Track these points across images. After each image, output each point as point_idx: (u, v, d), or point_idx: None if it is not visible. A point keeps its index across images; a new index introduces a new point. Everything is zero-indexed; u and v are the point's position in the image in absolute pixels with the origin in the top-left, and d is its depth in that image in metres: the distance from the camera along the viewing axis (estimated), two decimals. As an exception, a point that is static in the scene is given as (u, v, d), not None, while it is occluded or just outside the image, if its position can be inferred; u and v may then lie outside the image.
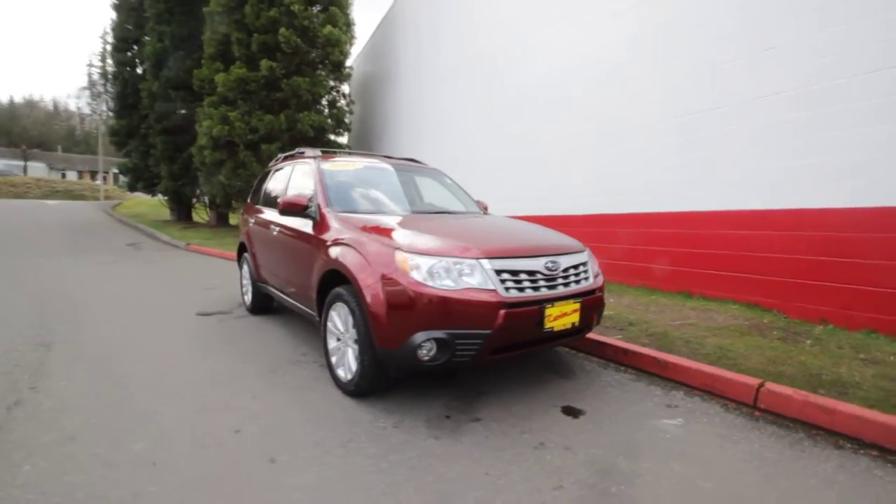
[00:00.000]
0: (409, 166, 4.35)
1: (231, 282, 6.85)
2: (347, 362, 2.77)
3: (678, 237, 5.10)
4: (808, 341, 3.63)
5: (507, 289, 2.41)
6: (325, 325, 2.99)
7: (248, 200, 5.33)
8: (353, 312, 2.62)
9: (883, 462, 2.11)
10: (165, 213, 18.91)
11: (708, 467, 2.06)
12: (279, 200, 3.39)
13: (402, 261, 2.43)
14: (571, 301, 2.60)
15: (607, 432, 2.36)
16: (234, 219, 19.21)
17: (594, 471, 2.01)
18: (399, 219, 3.18)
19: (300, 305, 3.59)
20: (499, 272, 2.43)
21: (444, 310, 2.30)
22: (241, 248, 5.16)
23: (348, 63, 13.54)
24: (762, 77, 4.34)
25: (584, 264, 2.85)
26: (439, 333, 2.30)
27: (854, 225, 3.80)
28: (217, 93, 12.35)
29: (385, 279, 2.43)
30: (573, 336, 2.78)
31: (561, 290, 2.60)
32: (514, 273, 2.47)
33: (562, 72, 6.75)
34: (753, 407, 2.62)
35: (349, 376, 2.74)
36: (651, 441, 2.28)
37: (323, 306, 3.02)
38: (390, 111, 13.38)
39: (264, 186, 4.84)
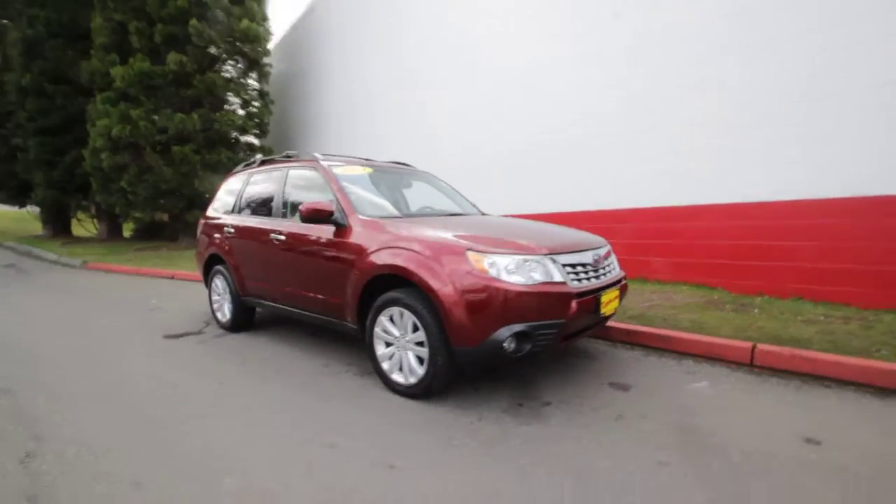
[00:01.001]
0: (406, 170, 4.38)
1: (173, 300, 6.24)
2: (408, 365, 2.78)
3: (635, 230, 5.77)
4: (756, 310, 4.40)
5: (572, 281, 2.64)
6: (372, 332, 2.96)
7: (213, 211, 4.89)
8: (419, 315, 2.65)
9: (863, 393, 2.72)
10: (37, 228, 16.08)
11: (755, 413, 2.50)
12: (301, 208, 3.24)
13: (476, 260, 2.53)
14: (615, 288, 2.92)
15: (660, 400, 2.71)
16: (128, 230, 16.96)
17: (678, 430, 2.32)
18: (437, 221, 3.25)
19: (319, 315, 3.46)
20: (564, 266, 2.65)
21: (525, 304, 2.46)
22: (211, 262, 4.73)
23: (266, 60, 12.77)
24: (700, 104, 5.14)
25: (612, 255, 3.20)
26: (521, 327, 2.45)
27: (775, 215, 4.70)
28: (114, 88, 10.88)
29: (462, 279, 2.50)
30: (608, 319, 3.11)
31: (605, 279, 2.90)
32: (574, 266, 2.72)
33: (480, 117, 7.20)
34: (752, 365, 3.18)
35: (412, 379, 2.76)
36: (698, 402, 2.67)
37: (368, 312, 2.99)
38: (314, 112, 12.88)
39: (241, 194, 4.49)
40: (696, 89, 5.19)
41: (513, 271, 2.50)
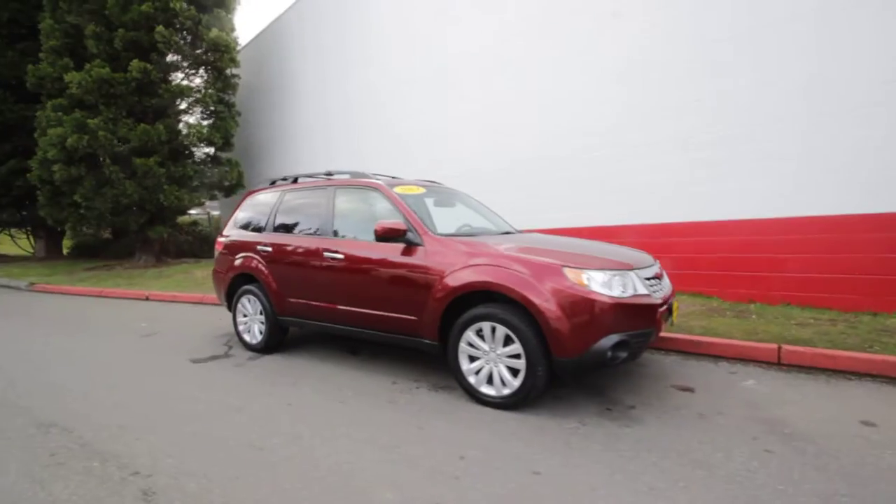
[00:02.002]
0: (445, 188, 4.53)
1: (163, 324, 5.97)
2: (501, 377, 2.91)
3: (637, 244, 6.24)
4: (753, 316, 4.95)
5: (652, 293, 2.92)
6: (457, 347, 3.06)
7: (235, 230, 4.74)
8: (515, 329, 2.79)
9: (881, 383, 3.21)
10: (-48, 246, 14.21)
11: (807, 404, 2.87)
12: (376, 227, 3.31)
13: (575, 276, 2.73)
14: (674, 299, 3.25)
15: (724, 398, 3.03)
16: (65, 247, 15.43)
17: (757, 423, 2.63)
18: (504, 239, 3.44)
19: (385, 333, 3.50)
20: (644, 279, 2.92)
21: (622, 315, 2.69)
22: (237, 283, 4.57)
23: (234, 70, 12.36)
24: (684, 124, 5.74)
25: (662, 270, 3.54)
26: (620, 336, 2.68)
27: (758, 230, 5.33)
28: (67, 94, 10.05)
29: (563, 294, 2.69)
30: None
31: (667, 292, 3.21)
32: (649, 280, 3.00)
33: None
34: (779, 364, 3.62)
35: (505, 391, 2.89)
36: (756, 398, 3.02)
37: (451, 329, 3.09)
38: (282, 124, 12.58)
39: (275, 212, 4.41)
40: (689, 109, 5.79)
41: (608, 285, 2.73)
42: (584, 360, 2.68)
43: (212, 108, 11.94)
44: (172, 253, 13.65)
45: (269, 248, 4.26)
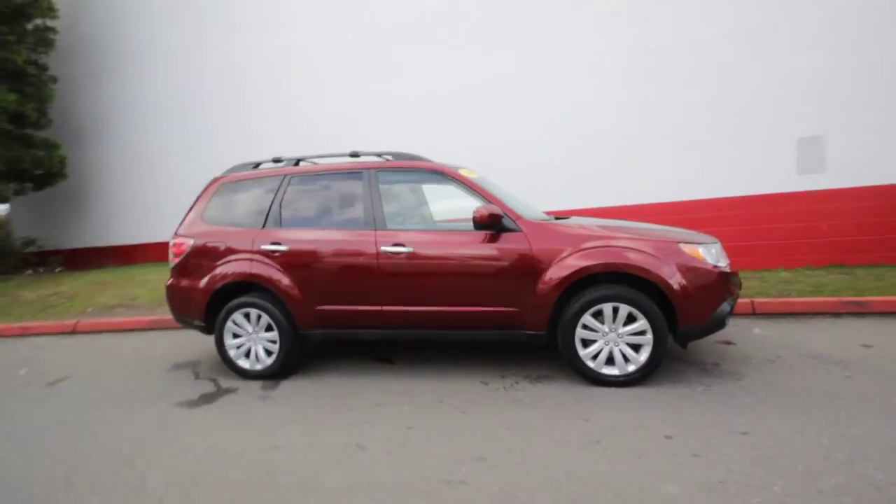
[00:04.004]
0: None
1: (48, 365, 4.41)
2: (624, 355, 2.94)
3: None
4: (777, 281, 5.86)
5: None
6: (573, 332, 2.98)
7: (209, 229, 3.67)
8: (640, 306, 2.85)
9: (827, 318, 4.23)
10: None
11: (819, 337, 3.61)
12: (475, 214, 2.94)
13: (691, 251, 2.91)
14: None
15: (761, 346, 3.60)
16: None
17: (808, 358, 3.22)
18: (582, 220, 3.45)
19: (473, 330, 3.23)
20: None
21: (730, 283, 3.00)
22: (221, 297, 3.56)
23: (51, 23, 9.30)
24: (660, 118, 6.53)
25: None
26: (730, 301, 2.99)
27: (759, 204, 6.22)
28: None
29: (688, 268, 2.85)
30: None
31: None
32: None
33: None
34: (755, 314, 4.47)
35: (630, 368, 2.93)
36: (780, 341, 3.68)
37: (561, 316, 2.99)
38: (128, 101, 10.02)
39: (279, 203, 3.55)
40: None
41: (715, 257, 3.00)
42: (706, 326, 2.91)
43: (21, 72, 8.75)
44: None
45: (285, 247, 3.42)
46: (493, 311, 3.12)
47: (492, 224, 3.04)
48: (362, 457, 2.34)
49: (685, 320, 2.87)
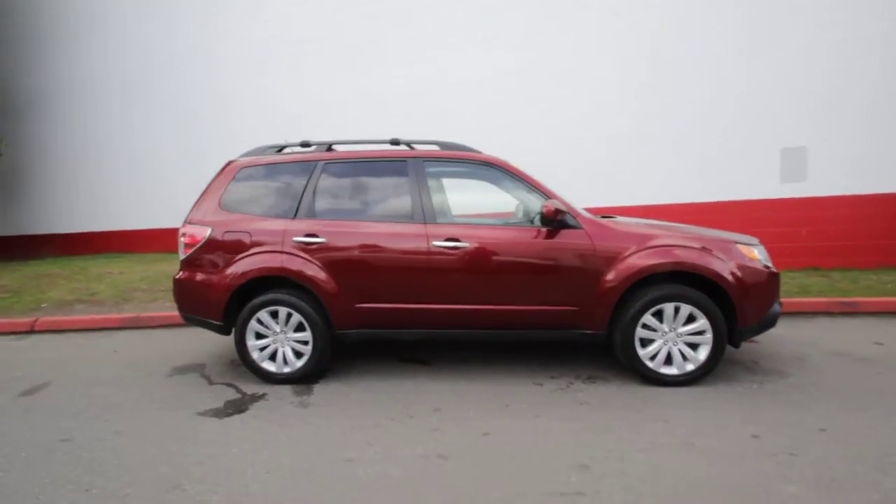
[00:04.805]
0: None
1: (16, 370, 3.91)
2: (686, 356, 2.94)
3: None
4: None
5: (767, 265, 3.41)
6: (633, 332, 2.94)
7: (228, 217, 3.29)
8: (700, 306, 2.86)
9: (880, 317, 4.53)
10: None
11: (831, 336, 3.82)
12: (545, 210, 2.83)
13: (747, 251, 2.97)
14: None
15: (782, 345, 3.78)
16: None
17: (834, 356, 3.40)
18: (630, 219, 3.44)
19: (525, 329, 3.12)
20: (762, 253, 3.38)
21: (777, 282, 3.08)
22: (244, 293, 3.21)
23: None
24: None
25: None
26: (778, 301, 3.08)
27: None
28: None
29: (746, 268, 2.90)
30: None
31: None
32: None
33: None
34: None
35: (689, 367, 2.94)
36: (797, 339, 3.87)
37: (622, 314, 2.95)
38: (64, 75, 8.94)
39: (312, 191, 3.24)
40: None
41: (766, 258, 3.08)
42: (761, 325, 2.98)
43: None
44: None
45: (323, 239, 3.12)
46: (550, 311, 3.03)
47: (557, 220, 2.94)
48: (451, 468, 2.16)
49: (744, 320, 2.92)
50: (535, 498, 1.92)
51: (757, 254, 3.02)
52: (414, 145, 3.50)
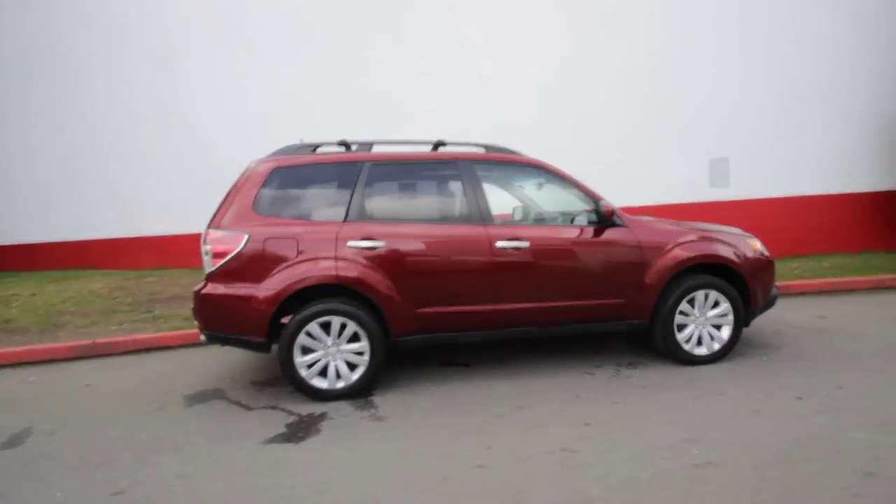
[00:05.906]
0: None
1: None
2: (713, 336, 3.33)
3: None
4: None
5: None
6: (672, 319, 3.27)
7: (264, 222, 2.97)
8: (726, 292, 3.29)
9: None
10: None
11: (785, 313, 4.60)
12: (604, 210, 3.01)
13: (753, 244, 3.48)
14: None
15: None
16: None
17: (819, 332, 4.11)
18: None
19: (576, 324, 3.30)
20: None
21: (775, 269, 3.64)
22: (290, 306, 2.92)
23: None
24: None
25: None
26: (775, 284, 3.64)
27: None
28: None
29: (757, 258, 3.41)
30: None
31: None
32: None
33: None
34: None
35: (716, 346, 3.35)
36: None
37: (663, 303, 3.26)
38: None
39: (361, 193, 3.06)
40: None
41: (763, 248, 3.62)
42: (766, 306, 3.51)
43: None
44: None
45: (381, 243, 2.97)
46: (603, 304, 3.24)
47: (611, 220, 3.17)
48: (583, 459, 2.22)
49: (755, 302, 3.41)
50: (680, 472, 2.08)
51: (759, 245, 3.56)
52: (457, 147, 3.49)
